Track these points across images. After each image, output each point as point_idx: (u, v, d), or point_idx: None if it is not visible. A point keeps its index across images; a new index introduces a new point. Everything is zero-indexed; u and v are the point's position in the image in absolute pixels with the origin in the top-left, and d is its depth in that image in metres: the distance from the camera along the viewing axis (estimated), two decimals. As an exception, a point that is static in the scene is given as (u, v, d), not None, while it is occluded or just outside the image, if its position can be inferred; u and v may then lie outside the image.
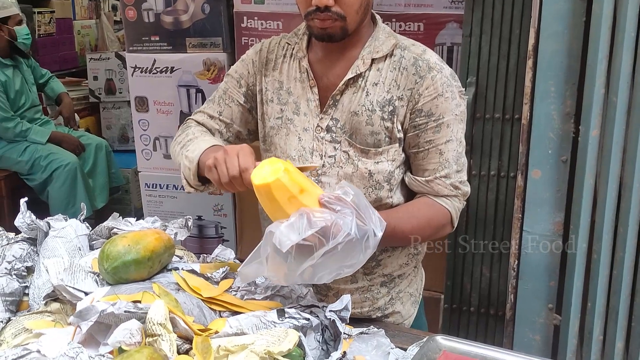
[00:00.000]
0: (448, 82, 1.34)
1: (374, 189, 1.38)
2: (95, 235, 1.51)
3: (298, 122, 1.41)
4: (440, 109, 1.33)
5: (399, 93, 1.34)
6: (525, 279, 1.96)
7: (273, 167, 1.13)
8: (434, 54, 1.38)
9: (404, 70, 1.34)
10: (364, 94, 1.35)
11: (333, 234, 1.07)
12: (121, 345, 1.03)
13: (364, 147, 1.36)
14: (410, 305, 1.54)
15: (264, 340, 1.04)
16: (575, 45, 1.76)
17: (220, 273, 1.36)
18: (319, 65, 1.41)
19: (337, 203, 1.11)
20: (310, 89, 1.40)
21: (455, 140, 1.36)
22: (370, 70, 1.36)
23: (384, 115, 1.34)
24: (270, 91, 1.45)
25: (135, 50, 2.53)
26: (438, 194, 1.38)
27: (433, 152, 1.35)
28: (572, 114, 1.81)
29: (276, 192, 1.11)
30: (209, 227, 2.62)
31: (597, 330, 1.86)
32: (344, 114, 1.37)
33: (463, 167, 1.39)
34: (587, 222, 1.80)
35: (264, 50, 1.48)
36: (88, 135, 4.03)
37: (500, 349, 1.14)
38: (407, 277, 1.52)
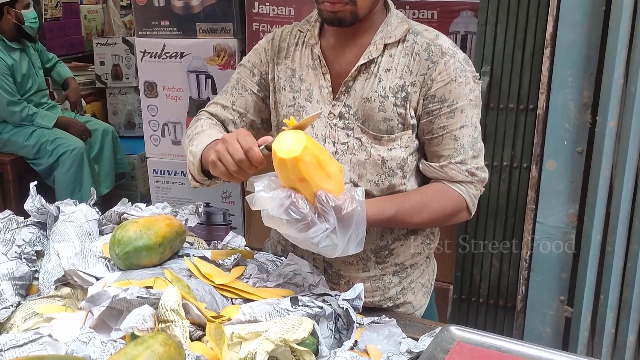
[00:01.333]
0: (461, 67, 1.32)
1: (387, 176, 1.37)
2: (105, 221, 1.50)
3: (310, 109, 1.40)
4: (454, 94, 1.31)
5: (412, 79, 1.33)
6: (537, 271, 1.95)
7: (295, 138, 1.14)
8: (447, 39, 1.37)
9: (417, 56, 1.33)
10: (377, 80, 1.34)
11: (299, 228, 1.13)
12: (134, 330, 1.02)
13: (377, 134, 1.35)
14: (422, 295, 1.53)
15: (278, 328, 1.03)
16: (594, 35, 1.74)
17: (231, 260, 1.35)
18: (331, 52, 1.40)
19: (328, 208, 1.13)
20: (322, 75, 1.39)
21: (470, 125, 1.34)
22: (382, 56, 1.35)
23: (396, 101, 1.33)
24: (283, 79, 1.44)
25: (144, 35, 2.51)
26: (452, 180, 1.36)
27: (447, 137, 1.34)
28: (589, 104, 1.79)
29: (302, 165, 1.12)
30: (217, 214, 2.61)
31: (609, 323, 1.85)
32: (356, 100, 1.36)
33: (479, 152, 1.37)
34: (602, 214, 1.79)
35: (276, 38, 1.47)
36: (94, 121, 4.02)
37: (514, 340, 1.13)
38: (419, 267, 1.51)
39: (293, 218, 1.12)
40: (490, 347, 1.11)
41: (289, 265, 1.36)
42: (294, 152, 1.11)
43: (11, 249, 1.31)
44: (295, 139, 1.13)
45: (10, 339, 1.03)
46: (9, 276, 1.22)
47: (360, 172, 1.38)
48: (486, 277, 2.12)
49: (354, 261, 1.45)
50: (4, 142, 3.62)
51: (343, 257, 1.35)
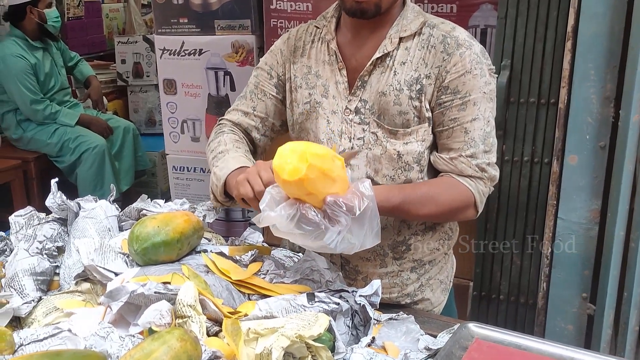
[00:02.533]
0: (477, 59, 1.30)
1: (404, 170, 1.36)
2: (125, 217, 1.51)
3: (327, 105, 1.40)
4: (467, 86, 1.29)
5: (427, 71, 1.32)
6: (558, 268, 1.93)
7: (298, 154, 1.10)
8: (464, 31, 1.35)
9: (432, 48, 1.32)
10: (392, 74, 1.33)
11: (314, 237, 1.11)
12: (151, 326, 1.03)
13: (392, 128, 1.34)
14: (440, 292, 1.52)
15: (294, 324, 1.02)
16: (617, 27, 1.71)
17: (249, 256, 1.35)
18: (347, 47, 1.39)
19: (339, 212, 1.11)
20: (339, 71, 1.38)
21: (483, 118, 1.32)
22: (398, 49, 1.34)
23: (411, 94, 1.32)
24: (299, 77, 1.44)
25: (163, 33, 2.52)
26: (462, 173, 1.33)
27: (458, 130, 1.32)
28: (612, 98, 1.76)
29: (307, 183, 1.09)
30: (236, 210, 2.62)
31: (633, 320, 1.82)
32: (372, 94, 1.35)
33: (492, 147, 1.34)
34: (626, 210, 1.76)
35: (291, 38, 1.47)
36: (116, 118, 4.06)
37: (534, 338, 1.11)
38: (437, 263, 1.49)
39: (305, 230, 1.11)
40: (509, 345, 1.10)
41: (306, 261, 1.35)
42: (299, 173, 1.07)
43: (33, 244, 1.33)
44: (297, 156, 1.09)
45: (31, 333, 1.05)
46: (31, 272, 1.24)
47: (376, 166, 1.37)
48: (507, 274, 2.09)
49: (371, 257, 1.44)
50: (27, 140, 3.67)
51: (360, 253, 1.34)
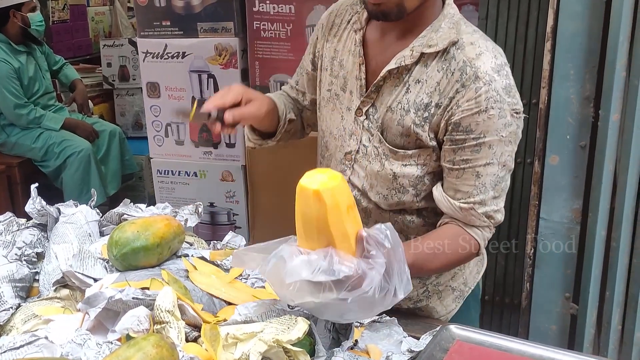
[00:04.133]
0: (496, 98, 1.15)
1: (397, 192, 1.28)
2: (106, 222, 1.50)
3: (343, 100, 1.32)
4: (482, 126, 1.16)
5: (439, 99, 1.19)
6: (541, 268, 1.93)
7: (329, 175, 1.01)
8: (491, 60, 1.18)
9: (450, 75, 1.18)
10: (404, 90, 1.22)
11: (350, 286, 0.96)
12: (129, 332, 1.02)
13: (393, 147, 1.25)
14: (452, 300, 1.42)
15: (273, 329, 1.02)
16: (595, 26, 1.72)
17: (230, 260, 1.34)
18: (373, 45, 1.28)
19: (375, 246, 0.98)
20: (359, 66, 1.28)
21: (497, 163, 1.19)
22: (417, 64, 1.21)
23: (416, 119, 1.21)
24: (327, 59, 1.35)
25: (146, 36, 2.51)
26: (469, 223, 1.24)
27: (469, 172, 1.20)
28: (591, 97, 1.77)
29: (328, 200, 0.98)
30: (221, 213, 2.61)
31: (615, 319, 1.83)
32: (381, 105, 1.25)
33: (502, 192, 1.23)
34: (606, 209, 1.77)
35: (333, 12, 1.37)
36: (102, 122, 4.04)
37: (515, 339, 1.11)
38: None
39: (343, 276, 0.95)
40: (490, 346, 1.10)
41: (289, 264, 1.35)
42: (335, 180, 0.99)
43: (11, 251, 1.32)
44: (326, 176, 1.01)
45: (9, 341, 1.04)
46: (9, 278, 1.23)
47: (372, 182, 1.30)
48: (491, 275, 2.10)
49: None
50: (11, 145, 3.64)
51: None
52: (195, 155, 2.60)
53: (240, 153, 2.53)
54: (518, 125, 1.20)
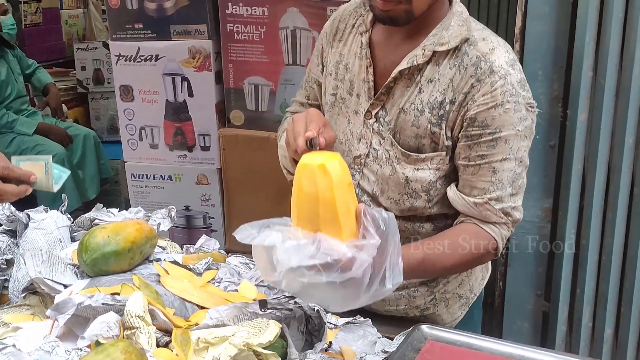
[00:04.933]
0: (512, 92, 1.15)
1: (409, 197, 1.26)
2: (77, 227, 1.49)
3: (350, 103, 1.29)
4: (498, 121, 1.15)
5: (453, 96, 1.18)
6: (513, 266, 1.95)
7: (328, 154, 1.03)
8: (505, 54, 1.18)
9: (464, 70, 1.17)
10: (417, 90, 1.21)
11: (340, 269, 0.95)
12: (98, 338, 1.01)
13: (406, 150, 1.23)
14: (458, 307, 1.40)
15: (245, 332, 1.02)
16: (562, 27, 1.74)
17: (203, 264, 1.34)
18: (380, 47, 1.27)
19: (371, 223, 0.97)
20: (366, 68, 1.26)
21: (514, 159, 1.18)
22: (429, 63, 1.20)
23: (432, 118, 1.19)
24: (332, 64, 1.33)
25: (118, 39, 2.49)
26: (485, 220, 1.21)
27: (485, 168, 1.18)
28: (560, 97, 1.79)
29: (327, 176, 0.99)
30: (197, 217, 2.60)
31: (586, 316, 1.86)
32: (393, 107, 1.23)
33: (519, 190, 1.21)
34: (576, 208, 1.79)
35: (336, 19, 1.36)
36: (76, 126, 4.00)
37: (486, 337, 1.12)
38: (456, 277, 1.37)
39: (332, 259, 0.95)
40: (462, 345, 1.11)
41: (261, 267, 1.35)
42: (334, 156, 1.01)
43: (-20, 258, 1.30)
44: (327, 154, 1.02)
45: (-24, 350, 1.02)
46: (-23, 286, 1.21)
47: (382, 186, 1.27)
48: (466, 274, 2.11)
49: None
50: (-17, 150, 3.59)
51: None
52: (170, 159, 2.58)
53: (216, 156, 2.51)
54: (532, 120, 1.20)
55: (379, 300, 1.31)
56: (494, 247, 1.22)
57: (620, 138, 1.72)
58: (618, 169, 1.74)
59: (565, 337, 1.91)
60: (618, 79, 1.69)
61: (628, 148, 1.71)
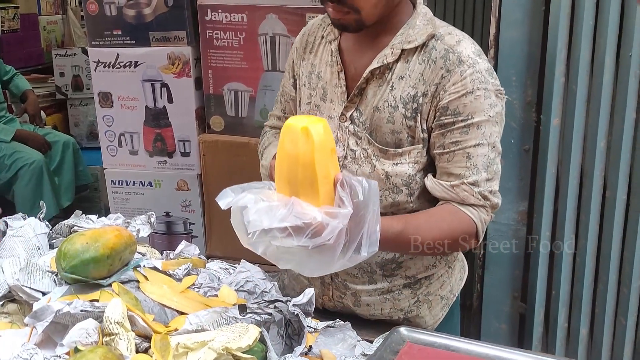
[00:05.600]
0: (481, 79, 1.19)
1: (391, 192, 1.28)
2: (56, 234, 1.49)
3: (324, 110, 1.33)
4: (469, 108, 1.19)
5: (424, 88, 1.22)
6: (490, 269, 1.97)
7: (314, 118, 1.05)
8: (471, 45, 1.23)
9: (433, 64, 1.21)
10: (389, 88, 1.24)
11: (310, 234, 0.98)
12: (77, 345, 1.01)
13: (383, 147, 1.26)
14: (440, 309, 1.42)
15: (224, 337, 1.03)
16: (535, 34, 1.77)
17: (182, 270, 1.34)
18: (349, 52, 1.31)
19: (346, 193, 1.00)
20: (337, 74, 1.30)
21: (487, 144, 1.21)
22: (398, 61, 1.24)
23: (406, 113, 1.23)
24: (305, 75, 1.37)
25: (97, 45, 2.48)
26: (463, 202, 1.23)
27: (460, 154, 1.21)
28: (533, 102, 1.82)
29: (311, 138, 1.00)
30: (177, 223, 2.59)
31: (561, 317, 1.88)
32: (367, 108, 1.27)
33: (495, 175, 1.24)
34: (550, 211, 1.82)
35: (306, 33, 1.41)
36: (55, 133, 3.96)
37: (463, 339, 1.14)
38: (437, 278, 1.40)
39: (302, 222, 0.97)
40: (439, 347, 1.12)
41: (241, 272, 1.36)
42: (319, 120, 1.02)
43: (-43, 266, 1.29)
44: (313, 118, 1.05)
45: (-47, 358, 1.02)
46: (-45, 295, 1.20)
47: None
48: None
49: (358, 274, 1.36)
50: (-40, 158, 3.55)
51: (348, 269, 1.22)
52: (150, 165, 2.57)
53: (196, 162, 2.51)
54: (502, 106, 1.23)
55: (364, 304, 1.36)
56: (472, 229, 1.23)
57: (592, 142, 1.75)
58: (590, 173, 1.77)
59: (542, 337, 1.94)
60: (589, 85, 1.73)
61: (600, 152, 1.74)
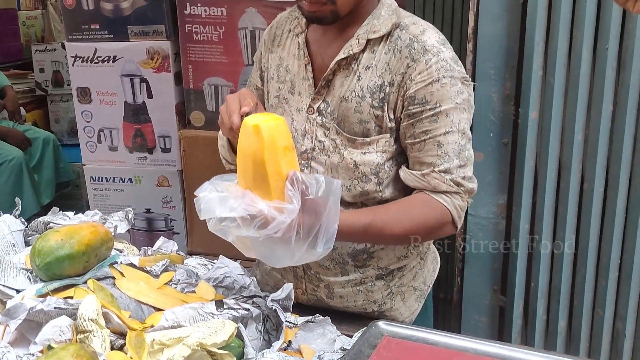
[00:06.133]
0: (447, 67, 1.20)
1: (360, 182, 1.29)
2: (31, 231, 1.46)
3: (292, 102, 1.33)
4: (436, 96, 1.19)
5: (390, 78, 1.23)
6: (470, 262, 1.98)
7: (272, 117, 1.08)
8: (435, 35, 1.24)
9: (398, 53, 1.22)
10: (355, 78, 1.25)
11: (256, 226, 1.02)
12: (50, 343, 1.00)
13: (351, 136, 1.27)
14: (414, 300, 1.43)
15: (200, 333, 1.02)
16: (513, 28, 1.78)
17: (159, 266, 1.33)
18: (316, 44, 1.32)
19: (295, 191, 1.03)
20: (305, 66, 1.31)
21: (457, 131, 1.21)
22: (364, 52, 1.25)
23: (373, 102, 1.24)
24: (273, 68, 1.38)
25: (75, 40, 2.45)
26: (436, 190, 1.23)
27: (430, 143, 1.22)
28: (512, 96, 1.83)
29: (265, 134, 1.04)
30: (158, 219, 2.57)
31: (540, 310, 1.90)
32: (334, 98, 1.27)
33: (467, 161, 1.24)
34: (529, 203, 1.83)
35: (273, 26, 1.41)
36: (34, 129, 3.93)
37: (441, 332, 1.14)
38: (410, 270, 1.40)
39: (247, 214, 1.02)
40: (417, 340, 1.12)
41: (220, 268, 1.35)
42: (276, 119, 1.06)
43: None
44: (271, 117, 1.08)
45: None
46: None
47: (332, 175, 1.29)
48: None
49: (330, 265, 1.36)
50: (-62, 155, 3.50)
51: (320, 261, 1.25)
52: (130, 161, 2.55)
53: (176, 158, 2.50)
54: (469, 93, 1.24)
55: (337, 296, 1.36)
56: (447, 217, 1.24)
57: (570, 135, 1.76)
58: (568, 165, 1.78)
59: (521, 330, 1.95)
60: (566, 78, 1.74)
61: (577, 144, 1.75)
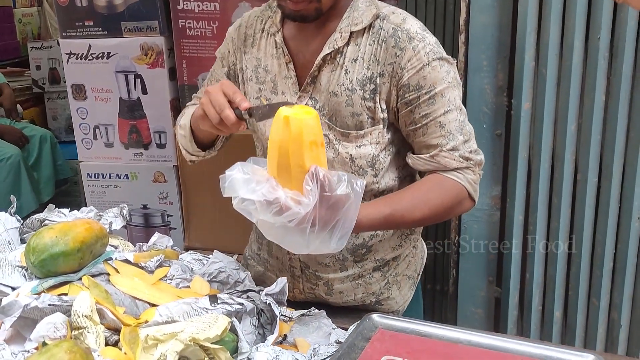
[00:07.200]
0: (433, 50, 1.22)
1: (357, 175, 1.29)
2: (27, 228, 1.47)
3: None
4: (429, 79, 1.21)
5: (380, 69, 1.23)
6: (465, 254, 1.99)
7: (306, 110, 1.07)
8: (416, 22, 1.26)
9: (383, 43, 1.23)
10: (343, 72, 1.25)
11: (273, 210, 1.03)
12: (45, 339, 1.01)
13: (345, 130, 1.27)
14: (408, 288, 1.45)
15: (194, 327, 1.02)
16: (505, 19, 1.77)
17: (154, 262, 1.33)
18: (294, 41, 1.31)
19: (314, 185, 1.03)
20: (286, 65, 1.30)
21: (455, 109, 1.24)
22: (348, 45, 1.25)
23: (365, 94, 1.24)
24: (250, 69, 1.36)
25: (69, 36, 2.45)
26: (447, 168, 1.25)
27: (432, 125, 1.23)
28: (504, 87, 1.83)
29: (304, 129, 1.04)
30: (155, 215, 2.57)
31: (535, 300, 1.90)
32: (322, 94, 1.27)
33: (470, 135, 1.26)
34: (523, 195, 1.83)
35: (242, 25, 1.39)
36: (32, 127, 3.93)
37: (434, 324, 1.14)
38: (404, 259, 1.42)
39: (264, 199, 1.02)
40: (411, 332, 1.12)
41: (214, 263, 1.35)
42: (310, 112, 1.05)
43: None
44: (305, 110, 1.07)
45: None
46: None
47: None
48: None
49: (330, 263, 1.37)
50: None
51: (318, 258, 1.27)
52: (126, 157, 2.55)
53: (172, 153, 2.50)
54: (455, 71, 1.26)
55: (336, 292, 1.37)
56: (463, 193, 1.26)
57: (563, 125, 1.76)
58: (561, 156, 1.78)
59: (517, 321, 1.96)
60: (559, 68, 1.73)
61: (570, 135, 1.75)
